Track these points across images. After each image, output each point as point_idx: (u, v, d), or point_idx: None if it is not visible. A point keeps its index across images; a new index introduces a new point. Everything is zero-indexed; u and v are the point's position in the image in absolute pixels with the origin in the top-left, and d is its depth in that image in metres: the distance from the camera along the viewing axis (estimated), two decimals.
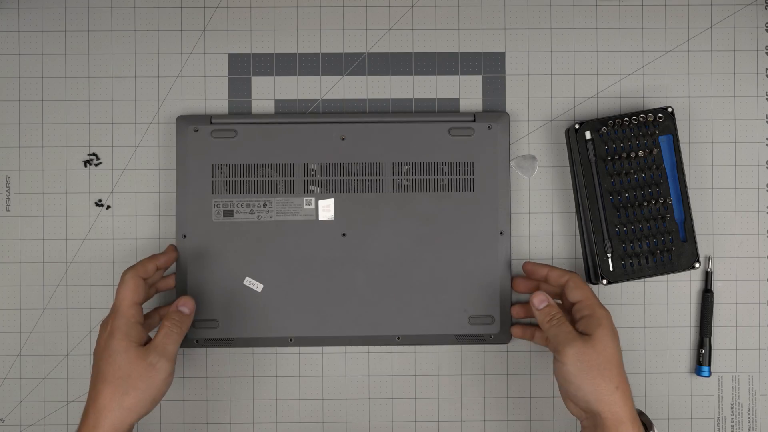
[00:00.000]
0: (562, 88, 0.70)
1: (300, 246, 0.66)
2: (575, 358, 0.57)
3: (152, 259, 0.62)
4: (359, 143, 0.66)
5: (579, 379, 0.57)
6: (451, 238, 0.66)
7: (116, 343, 0.56)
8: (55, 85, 0.69)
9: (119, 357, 0.56)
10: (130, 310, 0.58)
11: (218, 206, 0.66)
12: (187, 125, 0.66)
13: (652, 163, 0.66)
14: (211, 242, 0.66)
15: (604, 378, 0.57)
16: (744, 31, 0.70)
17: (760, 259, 0.69)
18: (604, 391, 0.56)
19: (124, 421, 0.56)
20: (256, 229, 0.66)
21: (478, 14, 0.70)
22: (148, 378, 0.56)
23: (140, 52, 0.69)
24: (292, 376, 0.69)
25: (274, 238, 0.66)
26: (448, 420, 0.69)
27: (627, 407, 0.57)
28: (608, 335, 0.58)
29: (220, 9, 0.69)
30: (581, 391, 0.57)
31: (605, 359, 0.57)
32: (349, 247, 0.66)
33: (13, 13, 0.69)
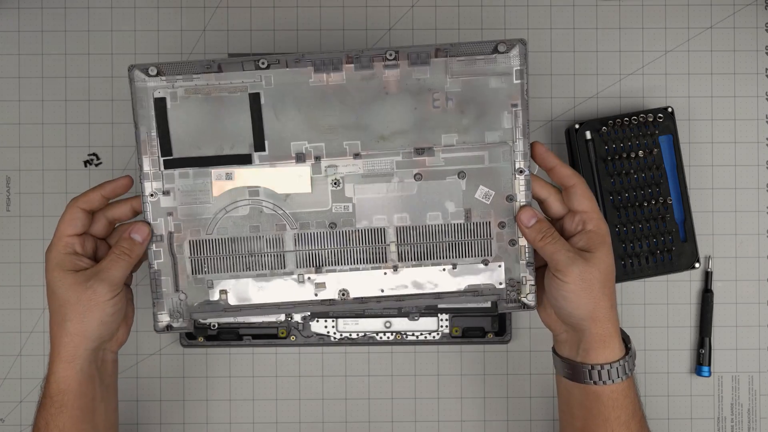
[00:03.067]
0: (562, 88, 0.70)
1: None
2: (578, 278, 0.54)
3: (98, 188, 0.58)
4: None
5: (580, 298, 0.55)
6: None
7: (50, 275, 0.55)
8: (55, 85, 0.69)
9: (56, 286, 0.55)
10: (61, 240, 0.56)
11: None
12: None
13: (652, 163, 0.66)
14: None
15: (604, 296, 0.55)
16: (744, 31, 0.70)
17: (760, 259, 0.70)
18: (601, 308, 0.55)
19: (78, 345, 0.55)
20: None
21: (478, 14, 0.70)
22: (87, 301, 0.54)
23: (140, 52, 0.69)
24: (292, 376, 0.69)
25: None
26: (448, 420, 0.69)
27: (616, 322, 0.56)
28: (610, 254, 0.56)
29: (220, 9, 0.69)
30: (579, 309, 0.55)
31: (606, 278, 0.55)
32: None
33: (13, 13, 0.69)
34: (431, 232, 0.57)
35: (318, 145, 0.56)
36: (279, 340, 0.68)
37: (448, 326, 0.68)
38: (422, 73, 0.55)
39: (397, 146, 0.56)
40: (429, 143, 0.56)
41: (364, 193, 0.57)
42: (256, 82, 0.55)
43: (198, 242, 0.57)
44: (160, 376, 0.69)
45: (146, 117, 0.55)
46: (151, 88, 0.55)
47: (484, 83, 0.55)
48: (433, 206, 0.57)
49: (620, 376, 0.55)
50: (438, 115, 0.56)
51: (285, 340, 0.68)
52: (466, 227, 0.57)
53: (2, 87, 0.69)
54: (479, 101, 0.56)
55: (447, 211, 0.57)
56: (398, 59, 0.54)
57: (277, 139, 0.56)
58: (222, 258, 0.57)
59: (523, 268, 0.58)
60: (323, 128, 0.56)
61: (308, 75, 0.55)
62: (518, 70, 0.55)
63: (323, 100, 0.55)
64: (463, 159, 0.56)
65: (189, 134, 0.56)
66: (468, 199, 0.57)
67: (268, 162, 0.56)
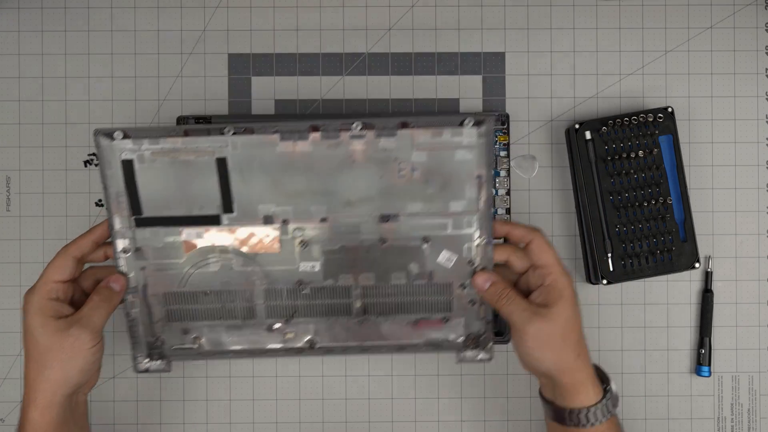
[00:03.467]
0: (562, 88, 0.70)
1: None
2: (536, 335, 0.55)
3: (88, 234, 0.58)
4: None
5: (541, 353, 0.56)
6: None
7: (31, 320, 0.55)
8: (54, 85, 0.69)
9: (37, 332, 0.55)
10: (46, 285, 0.56)
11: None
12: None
13: (652, 163, 0.66)
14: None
15: (566, 348, 0.56)
16: (744, 31, 0.70)
17: (760, 259, 0.70)
18: (565, 360, 0.56)
19: (55, 392, 0.55)
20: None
21: (478, 14, 0.70)
22: (70, 349, 0.55)
23: (140, 52, 0.69)
24: (292, 376, 0.69)
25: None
26: (448, 420, 0.69)
27: (587, 369, 0.56)
28: (569, 306, 0.56)
29: (220, 9, 0.69)
30: (542, 363, 0.56)
31: (567, 330, 0.56)
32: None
33: (13, 13, 0.69)
34: (395, 292, 0.59)
35: (285, 209, 0.57)
36: None
37: None
38: (388, 143, 0.55)
39: (363, 212, 0.57)
40: (394, 210, 0.57)
41: (330, 254, 0.58)
42: (222, 147, 0.55)
43: (171, 294, 0.59)
44: (160, 376, 0.69)
45: (115, 177, 0.56)
46: (118, 149, 0.55)
47: (449, 155, 0.56)
48: (397, 268, 0.59)
49: (599, 419, 0.56)
50: (403, 185, 0.56)
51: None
52: (428, 288, 0.59)
53: (2, 87, 0.69)
54: (444, 172, 0.56)
55: (410, 272, 0.59)
56: (365, 130, 0.55)
57: (245, 202, 0.56)
58: (194, 308, 0.59)
59: (483, 324, 0.60)
60: (290, 193, 0.56)
61: (275, 142, 0.55)
62: (484, 144, 0.55)
63: (290, 167, 0.56)
64: (428, 226, 0.58)
65: (158, 194, 0.56)
66: (431, 262, 0.58)
67: (237, 223, 0.57)
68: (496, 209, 0.68)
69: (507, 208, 0.68)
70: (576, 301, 0.57)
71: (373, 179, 0.56)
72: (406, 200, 0.57)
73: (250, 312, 0.60)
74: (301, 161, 0.56)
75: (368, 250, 0.58)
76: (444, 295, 0.59)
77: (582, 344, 0.57)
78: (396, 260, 0.58)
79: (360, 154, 0.56)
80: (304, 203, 0.57)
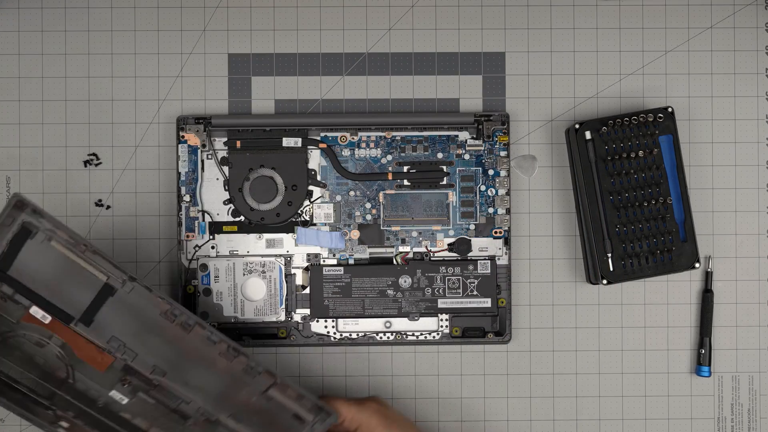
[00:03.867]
0: (562, 88, 0.70)
1: None
2: None
3: None
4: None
5: None
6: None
7: None
8: (55, 85, 0.69)
9: None
10: None
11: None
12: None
13: (652, 163, 0.66)
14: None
15: None
16: (744, 31, 0.70)
17: (760, 259, 0.70)
18: None
19: None
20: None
21: (478, 14, 0.70)
22: None
23: (140, 52, 0.69)
24: (293, 376, 0.69)
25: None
26: (447, 420, 0.69)
27: None
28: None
29: (220, 9, 0.69)
30: None
31: None
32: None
33: (13, 13, 0.69)
34: None
35: (133, 354, 0.60)
36: (279, 340, 0.68)
37: (448, 326, 0.68)
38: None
39: (196, 401, 0.61)
40: (218, 414, 0.62)
41: (144, 402, 0.62)
42: (117, 278, 0.58)
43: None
44: None
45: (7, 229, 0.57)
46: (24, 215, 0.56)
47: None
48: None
49: None
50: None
51: (285, 340, 0.68)
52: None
53: (2, 87, 0.69)
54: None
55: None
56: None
57: (105, 328, 0.59)
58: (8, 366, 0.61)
59: None
60: (146, 350, 0.60)
61: (159, 308, 0.59)
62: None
63: (161, 332, 0.60)
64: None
65: (34, 267, 0.58)
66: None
67: (85, 333, 0.59)
68: (496, 209, 0.68)
69: (507, 208, 0.68)
70: None
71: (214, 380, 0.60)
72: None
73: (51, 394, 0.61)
74: (165, 333, 0.60)
75: (179, 424, 0.62)
76: None
77: None
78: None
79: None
80: (152, 360, 0.60)
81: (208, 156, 0.68)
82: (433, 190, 0.69)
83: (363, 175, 0.69)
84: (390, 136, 0.68)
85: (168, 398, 0.61)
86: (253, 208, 0.68)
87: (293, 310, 0.68)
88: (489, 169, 0.69)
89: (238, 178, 0.68)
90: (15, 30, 0.69)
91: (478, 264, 0.68)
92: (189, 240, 0.68)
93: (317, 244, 0.68)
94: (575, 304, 0.69)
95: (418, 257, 0.69)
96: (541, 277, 0.69)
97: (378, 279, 0.67)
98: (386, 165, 0.69)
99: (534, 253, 0.69)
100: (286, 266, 0.68)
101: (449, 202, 0.69)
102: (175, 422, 0.62)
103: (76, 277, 0.58)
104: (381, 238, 0.69)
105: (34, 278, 0.58)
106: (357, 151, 0.69)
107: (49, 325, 0.59)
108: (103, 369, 0.61)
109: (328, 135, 0.68)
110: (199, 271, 0.68)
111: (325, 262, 0.68)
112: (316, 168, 0.69)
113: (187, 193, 0.68)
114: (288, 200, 0.68)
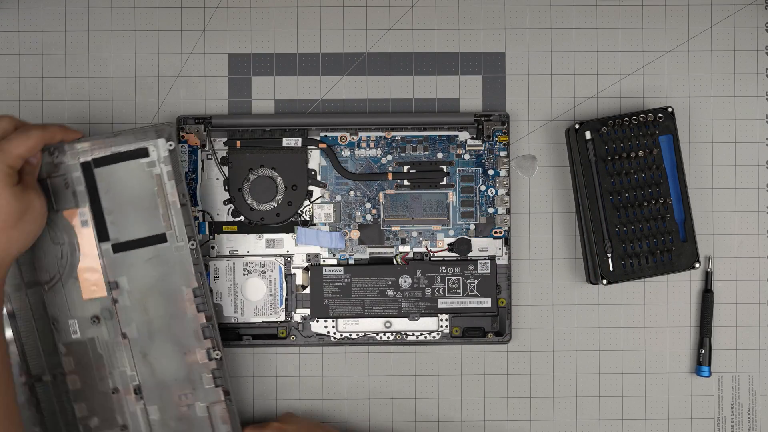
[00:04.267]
0: (562, 88, 0.70)
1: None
2: None
3: (61, 131, 0.61)
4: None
5: None
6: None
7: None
8: (55, 85, 0.69)
9: (6, 200, 0.57)
10: (12, 157, 0.57)
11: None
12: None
13: (652, 163, 0.66)
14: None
15: None
16: (744, 31, 0.70)
17: (760, 259, 0.70)
18: None
19: (10, 253, 0.58)
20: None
21: (478, 14, 0.70)
22: (30, 213, 0.58)
23: (140, 51, 0.69)
24: (293, 376, 0.69)
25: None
26: (447, 420, 0.69)
27: None
28: None
29: (220, 9, 0.69)
30: None
31: None
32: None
33: (13, 13, 0.69)
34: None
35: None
36: (279, 340, 0.68)
37: (448, 326, 0.68)
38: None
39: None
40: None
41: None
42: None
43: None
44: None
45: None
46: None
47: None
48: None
49: None
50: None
51: (285, 340, 0.68)
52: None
53: (2, 87, 0.69)
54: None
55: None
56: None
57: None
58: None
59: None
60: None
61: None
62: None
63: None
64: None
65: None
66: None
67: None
68: (496, 209, 0.68)
69: (507, 208, 0.68)
70: None
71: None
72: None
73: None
74: (170, 303, 0.62)
75: (100, 386, 0.63)
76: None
77: None
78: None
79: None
80: (135, 321, 0.62)
81: (208, 156, 0.68)
82: (433, 190, 0.69)
83: (363, 175, 0.69)
84: (390, 136, 0.69)
85: (114, 358, 0.62)
86: (253, 208, 0.68)
87: (293, 310, 0.68)
88: (489, 169, 0.69)
89: (238, 178, 0.68)
90: (15, 30, 0.69)
91: (478, 264, 0.68)
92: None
93: (317, 244, 0.68)
94: (575, 304, 0.69)
95: (418, 257, 0.69)
96: (541, 277, 0.69)
97: (378, 279, 0.67)
98: (386, 165, 0.69)
99: (534, 253, 0.69)
100: (286, 266, 0.68)
101: (449, 202, 0.69)
102: (98, 381, 0.62)
103: (143, 212, 0.61)
104: (381, 238, 0.69)
105: (108, 187, 0.61)
106: (357, 151, 0.69)
107: (78, 231, 0.61)
108: (86, 297, 0.61)
109: (328, 135, 0.69)
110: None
111: (325, 262, 0.69)
112: (316, 168, 0.69)
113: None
114: (288, 200, 0.68)
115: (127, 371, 0.62)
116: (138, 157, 0.61)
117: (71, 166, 0.61)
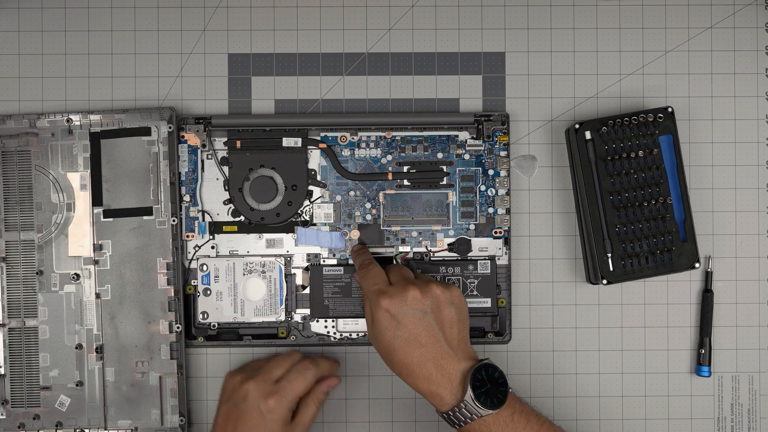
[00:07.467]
0: (562, 88, 0.70)
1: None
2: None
3: (331, 365, 0.67)
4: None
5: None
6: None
7: (272, 425, 0.61)
8: (55, 85, 0.69)
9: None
10: (291, 399, 0.62)
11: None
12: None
13: (652, 163, 0.66)
14: None
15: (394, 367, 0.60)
16: (744, 31, 0.70)
17: (760, 259, 0.70)
18: (402, 376, 0.60)
19: None
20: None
21: (478, 14, 0.70)
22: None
23: (140, 51, 0.69)
24: None
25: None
26: None
27: (429, 383, 0.58)
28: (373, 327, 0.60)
29: (220, 9, 0.69)
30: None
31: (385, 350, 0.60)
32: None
33: (13, 13, 0.69)
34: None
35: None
36: (279, 340, 0.68)
37: None
38: None
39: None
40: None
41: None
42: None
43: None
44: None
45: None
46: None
47: None
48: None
49: (473, 416, 0.57)
50: None
51: (285, 340, 0.68)
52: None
53: (2, 87, 0.69)
54: None
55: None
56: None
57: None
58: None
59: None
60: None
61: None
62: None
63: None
64: None
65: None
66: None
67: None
68: (496, 209, 0.68)
69: (507, 208, 0.68)
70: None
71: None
72: None
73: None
74: (147, 273, 0.67)
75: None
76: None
77: (410, 364, 0.58)
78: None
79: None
80: (111, 285, 0.67)
81: (208, 156, 0.68)
82: (433, 190, 0.69)
83: (363, 175, 0.69)
84: (390, 136, 0.69)
85: (84, 315, 0.66)
86: (253, 208, 0.68)
87: (293, 310, 0.68)
88: (489, 169, 0.69)
89: (238, 178, 0.68)
90: (15, 30, 0.69)
91: (478, 264, 0.68)
92: (189, 240, 0.68)
93: (317, 244, 0.68)
94: (575, 304, 0.69)
95: (418, 257, 0.69)
96: (541, 277, 0.69)
97: None
98: (386, 165, 0.69)
99: (534, 253, 0.69)
100: (286, 266, 0.68)
101: (449, 202, 0.69)
102: (66, 335, 0.66)
103: (136, 185, 0.66)
104: (381, 238, 0.69)
105: (110, 158, 0.67)
106: (357, 151, 0.69)
107: (76, 192, 0.66)
108: (71, 254, 0.66)
109: (328, 135, 0.69)
110: (199, 271, 0.68)
111: (325, 262, 0.69)
112: (316, 168, 0.69)
113: (187, 193, 0.68)
114: (288, 200, 0.68)
115: (94, 330, 0.66)
116: (141, 134, 0.66)
117: (82, 134, 0.66)
